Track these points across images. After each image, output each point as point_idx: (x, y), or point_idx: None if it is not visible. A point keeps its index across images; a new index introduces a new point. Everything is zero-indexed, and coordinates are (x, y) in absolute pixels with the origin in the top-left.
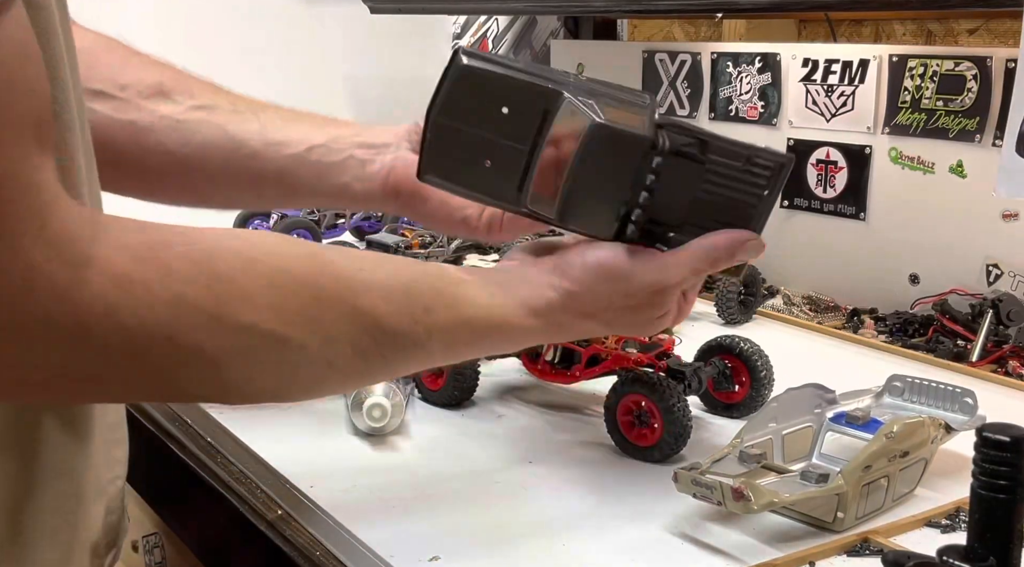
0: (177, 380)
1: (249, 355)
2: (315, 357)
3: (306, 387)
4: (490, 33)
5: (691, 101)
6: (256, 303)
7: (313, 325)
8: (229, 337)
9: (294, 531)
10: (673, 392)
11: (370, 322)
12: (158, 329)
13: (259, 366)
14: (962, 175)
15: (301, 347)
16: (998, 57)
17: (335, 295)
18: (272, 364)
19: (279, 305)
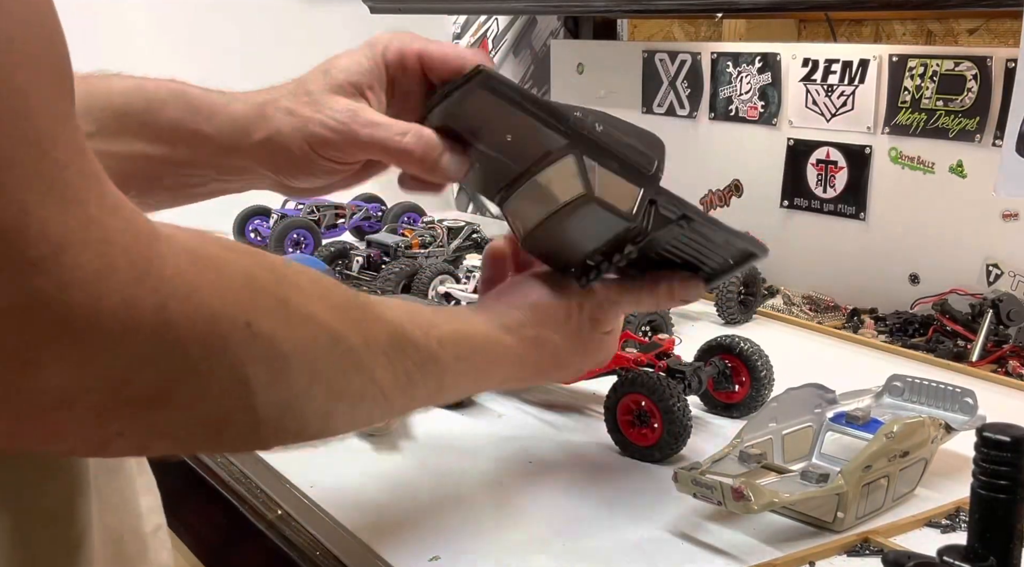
0: (249, 386)
1: (311, 351)
2: (362, 362)
3: (353, 405)
4: (490, 33)
5: (691, 101)
6: (309, 293)
7: (357, 325)
8: (295, 327)
9: (294, 531)
10: (673, 392)
11: (396, 330)
12: (239, 312)
13: (319, 367)
14: (962, 175)
15: (350, 349)
16: (998, 57)
17: (364, 301)
18: (329, 366)
19: (327, 298)
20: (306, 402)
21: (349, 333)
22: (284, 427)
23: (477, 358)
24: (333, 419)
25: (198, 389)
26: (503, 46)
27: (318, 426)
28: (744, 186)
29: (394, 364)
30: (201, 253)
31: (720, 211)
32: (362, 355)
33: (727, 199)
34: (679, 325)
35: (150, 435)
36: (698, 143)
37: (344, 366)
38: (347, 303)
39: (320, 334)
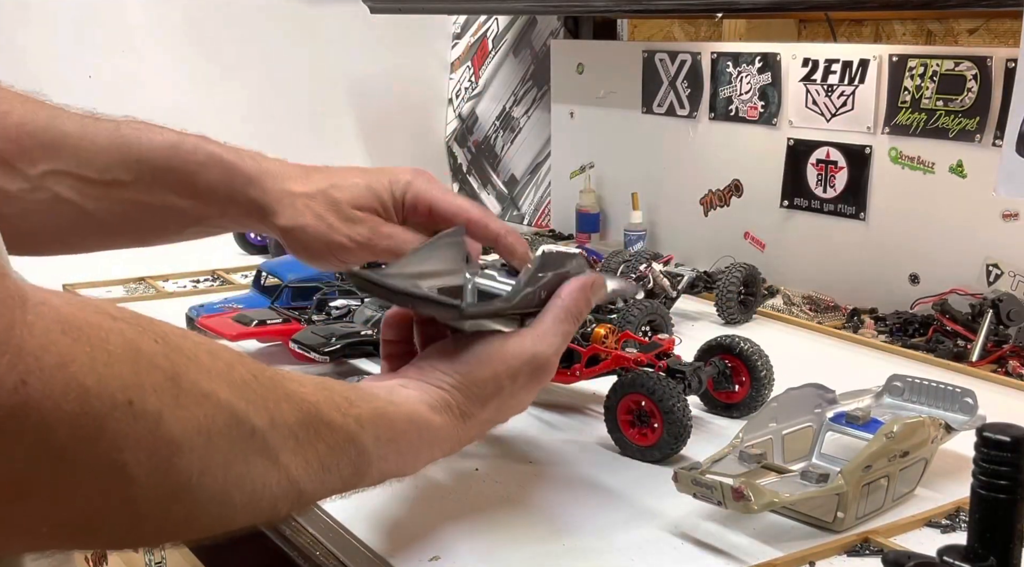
0: (127, 475)
1: (206, 434)
2: (267, 445)
3: (255, 494)
4: (490, 33)
5: (691, 101)
6: (207, 368)
7: (262, 404)
8: (188, 406)
9: (294, 531)
10: (673, 392)
11: (309, 409)
12: (119, 389)
13: (214, 452)
14: (962, 175)
15: (253, 431)
16: (998, 57)
17: (271, 377)
18: (227, 450)
19: (226, 375)
20: (197, 492)
21: (252, 413)
22: (170, 521)
23: (401, 441)
24: (229, 511)
25: (64, 479)
26: (503, 46)
27: (210, 520)
28: (744, 186)
29: (304, 447)
30: (77, 322)
31: (720, 211)
32: (267, 437)
33: (727, 199)
34: (679, 325)
35: (5, 532)
36: (698, 143)
37: (245, 450)
38: (252, 380)
39: (217, 414)
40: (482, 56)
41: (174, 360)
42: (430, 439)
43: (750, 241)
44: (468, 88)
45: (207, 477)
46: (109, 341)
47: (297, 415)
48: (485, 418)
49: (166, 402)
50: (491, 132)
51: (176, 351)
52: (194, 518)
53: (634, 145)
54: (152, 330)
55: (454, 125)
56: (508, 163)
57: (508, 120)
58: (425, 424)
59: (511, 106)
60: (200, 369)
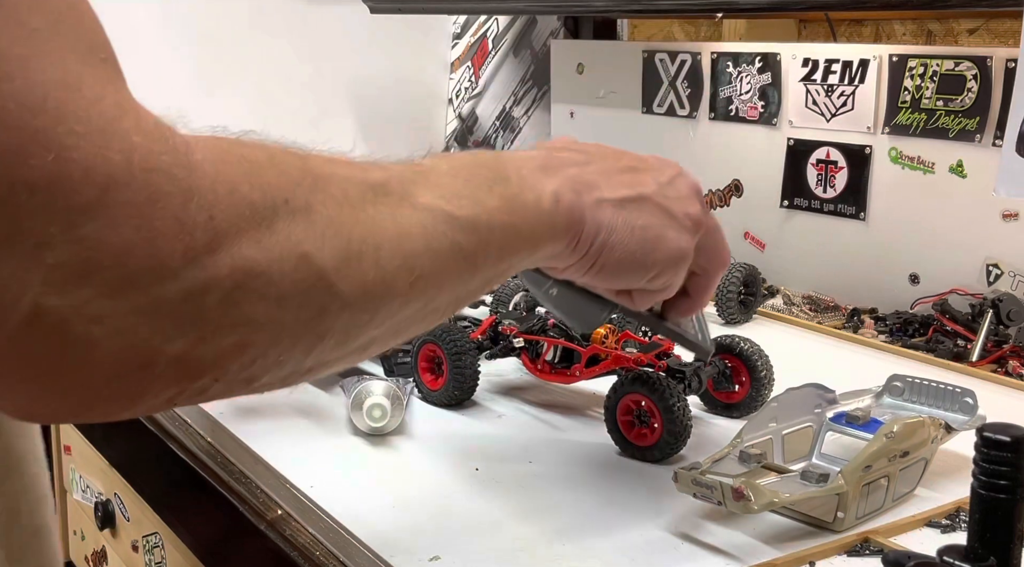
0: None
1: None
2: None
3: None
4: (490, 33)
5: (691, 101)
6: (322, 156)
7: (374, 169)
8: (323, 188)
9: (294, 531)
10: (673, 392)
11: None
12: (277, 192)
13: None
14: (962, 175)
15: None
16: (998, 57)
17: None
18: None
19: (333, 159)
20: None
21: (371, 173)
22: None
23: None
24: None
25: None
26: (503, 46)
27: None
28: (744, 186)
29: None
30: (225, 149)
31: (720, 211)
32: (389, 184)
33: (727, 199)
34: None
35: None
36: (698, 143)
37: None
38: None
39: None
40: (482, 56)
41: (299, 154)
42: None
43: (750, 241)
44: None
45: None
46: (254, 157)
47: (408, 166)
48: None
49: (309, 189)
50: (491, 132)
51: (295, 150)
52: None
53: (634, 145)
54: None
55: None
56: None
57: (508, 120)
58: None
59: (511, 106)
60: (319, 157)
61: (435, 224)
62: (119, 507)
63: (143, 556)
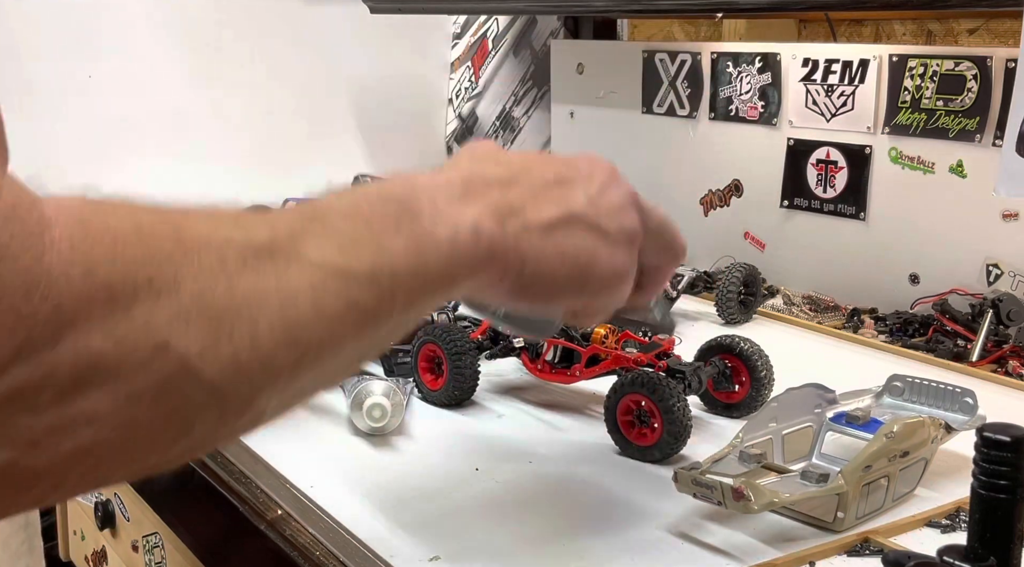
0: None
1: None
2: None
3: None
4: (490, 33)
5: (691, 101)
6: (201, 214)
7: (258, 220)
8: (194, 260)
9: (294, 531)
10: (673, 392)
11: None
12: (141, 270)
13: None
14: (962, 175)
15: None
16: (998, 57)
17: (247, 211)
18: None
19: (216, 215)
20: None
21: (255, 231)
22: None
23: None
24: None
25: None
26: (503, 46)
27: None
28: (744, 186)
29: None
30: (90, 220)
31: (720, 211)
32: (275, 243)
33: (727, 199)
34: (679, 325)
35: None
36: (698, 143)
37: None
38: (246, 213)
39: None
40: (482, 56)
41: (172, 220)
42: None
43: (750, 241)
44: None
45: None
46: (120, 229)
47: (301, 213)
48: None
49: (179, 262)
50: (491, 132)
51: (169, 213)
52: (258, 340)
53: (634, 145)
54: (146, 204)
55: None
56: None
57: (508, 120)
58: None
59: (511, 106)
60: (196, 218)
61: (327, 284)
62: (119, 507)
63: (143, 556)
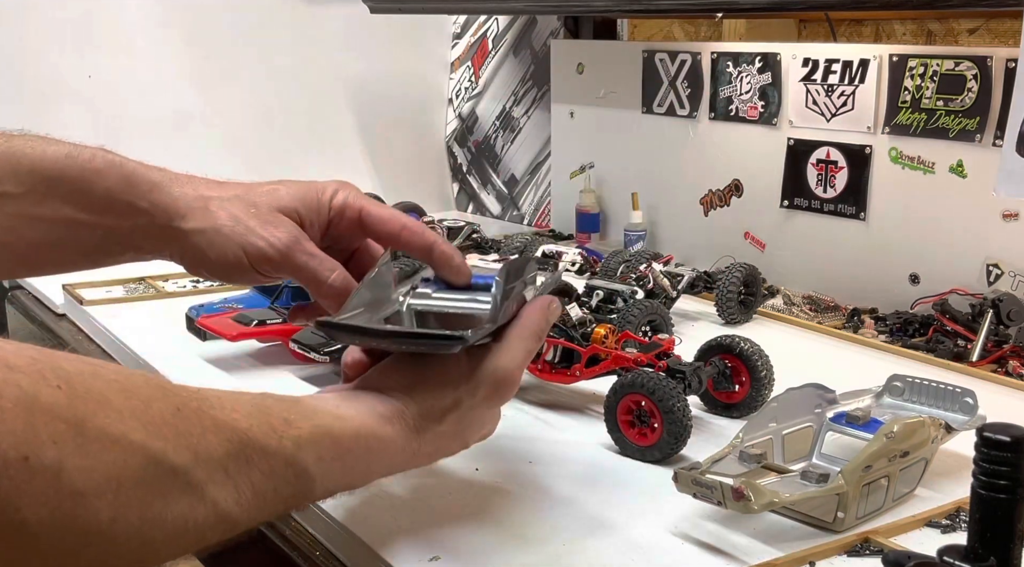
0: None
1: (116, 480)
2: (189, 483)
3: (179, 532)
4: (490, 33)
5: (691, 101)
6: (117, 409)
7: (182, 439)
8: (94, 454)
9: (294, 531)
10: (673, 392)
11: (239, 438)
12: (12, 447)
13: (127, 498)
14: (962, 175)
15: (173, 470)
16: (998, 57)
17: (193, 405)
18: (142, 494)
19: (142, 414)
20: (111, 536)
21: (171, 452)
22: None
23: (347, 457)
24: (149, 549)
25: None
26: (503, 46)
27: (130, 558)
28: (744, 186)
29: (235, 478)
30: None
31: (720, 211)
32: (190, 474)
33: (727, 199)
34: (679, 325)
35: None
36: (698, 143)
37: (163, 491)
38: (174, 414)
39: (129, 458)
40: (482, 56)
41: (77, 407)
42: (380, 452)
43: (750, 241)
44: (468, 88)
45: (120, 523)
46: (1, 396)
47: (226, 446)
48: (443, 431)
49: (67, 453)
50: (491, 132)
51: (82, 396)
52: (110, 560)
53: (634, 145)
54: (55, 375)
55: (454, 125)
56: (508, 163)
57: (508, 120)
58: (374, 437)
59: (511, 106)
60: (110, 412)
61: (214, 528)
62: None
63: None
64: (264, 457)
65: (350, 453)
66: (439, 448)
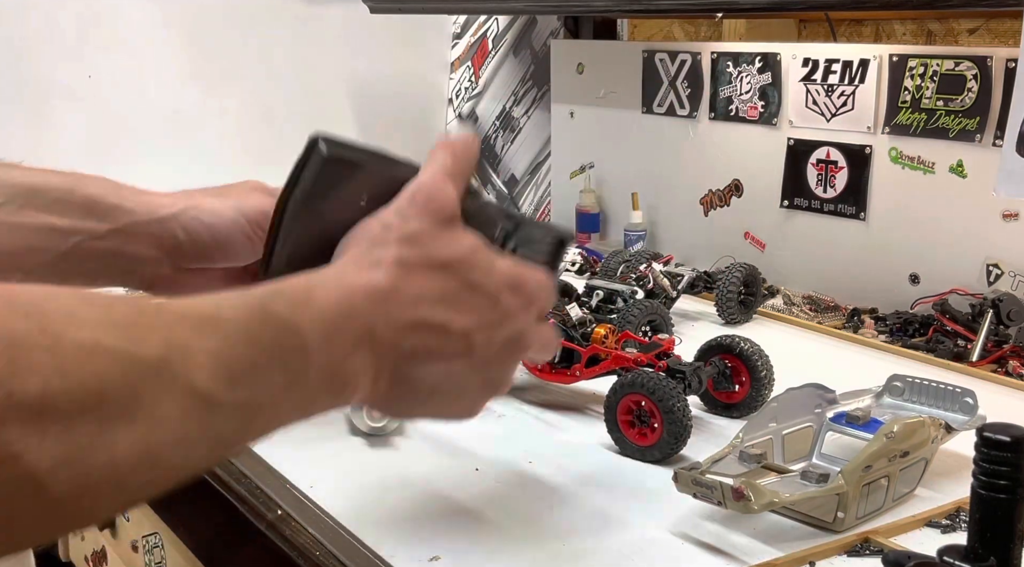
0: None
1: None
2: (175, 374)
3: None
4: (490, 33)
5: (691, 101)
6: (83, 318)
7: (151, 332)
8: (73, 371)
9: (294, 531)
10: (673, 392)
11: (203, 319)
12: None
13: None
14: (962, 175)
15: (154, 366)
16: (998, 57)
17: (152, 304)
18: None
19: (106, 318)
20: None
21: (145, 347)
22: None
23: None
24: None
25: None
26: (503, 46)
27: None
28: (744, 186)
29: (216, 357)
30: None
31: (720, 211)
32: (170, 364)
33: (727, 199)
34: (679, 325)
35: None
36: (698, 143)
37: (150, 387)
38: (135, 313)
39: (110, 365)
40: (482, 56)
41: (47, 328)
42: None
43: (750, 241)
44: (468, 88)
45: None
46: None
47: (195, 329)
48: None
49: (49, 375)
50: (491, 132)
51: (50, 316)
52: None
53: (634, 145)
54: (16, 305)
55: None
56: (508, 163)
57: (508, 120)
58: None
59: (511, 106)
60: (79, 323)
61: (199, 414)
62: None
63: (143, 556)
64: (234, 326)
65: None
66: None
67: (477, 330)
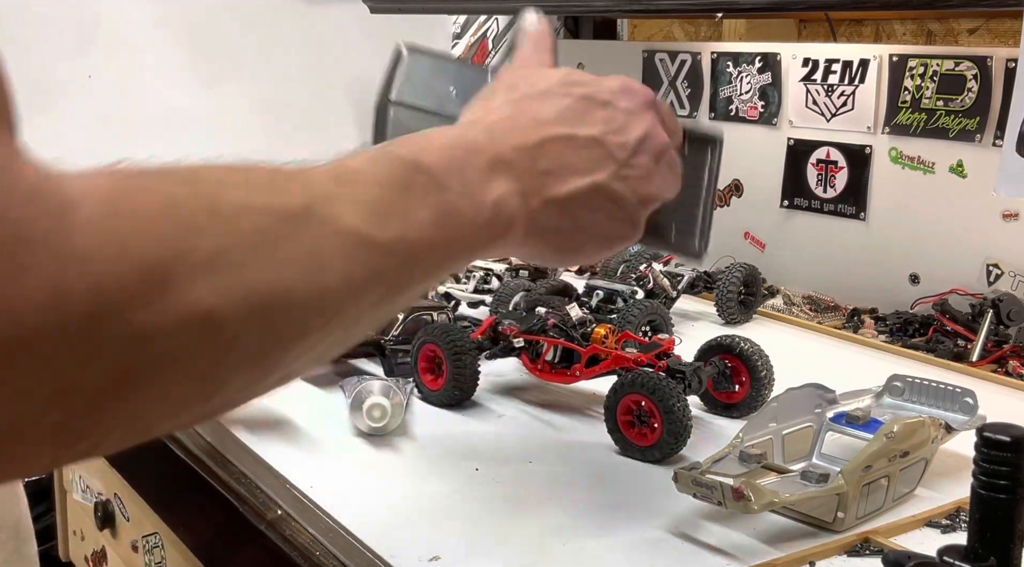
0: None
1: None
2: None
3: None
4: (490, 33)
5: (691, 101)
6: (230, 182)
7: (291, 184)
8: (232, 229)
9: (294, 531)
10: (673, 392)
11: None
12: (173, 248)
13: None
14: (962, 175)
15: (301, 214)
16: (998, 57)
17: (284, 169)
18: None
19: (249, 181)
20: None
21: (290, 199)
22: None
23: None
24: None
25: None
26: (503, 46)
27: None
28: (744, 186)
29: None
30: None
31: (720, 211)
32: (320, 211)
33: (727, 199)
34: (679, 325)
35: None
36: None
37: (305, 233)
38: (271, 173)
39: (262, 218)
40: (482, 56)
41: (202, 193)
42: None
43: (750, 241)
44: None
45: (291, 287)
46: (148, 207)
47: (336, 175)
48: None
49: (214, 235)
50: None
51: (203, 182)
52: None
53: None
54: (179, 173)
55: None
56: None
57: None
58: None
59: None
60: (229, 188)
61: (356, 252)
62: (119, 507)
63: (143, 556)
64: (364, 174)
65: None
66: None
67: (604, 134)
